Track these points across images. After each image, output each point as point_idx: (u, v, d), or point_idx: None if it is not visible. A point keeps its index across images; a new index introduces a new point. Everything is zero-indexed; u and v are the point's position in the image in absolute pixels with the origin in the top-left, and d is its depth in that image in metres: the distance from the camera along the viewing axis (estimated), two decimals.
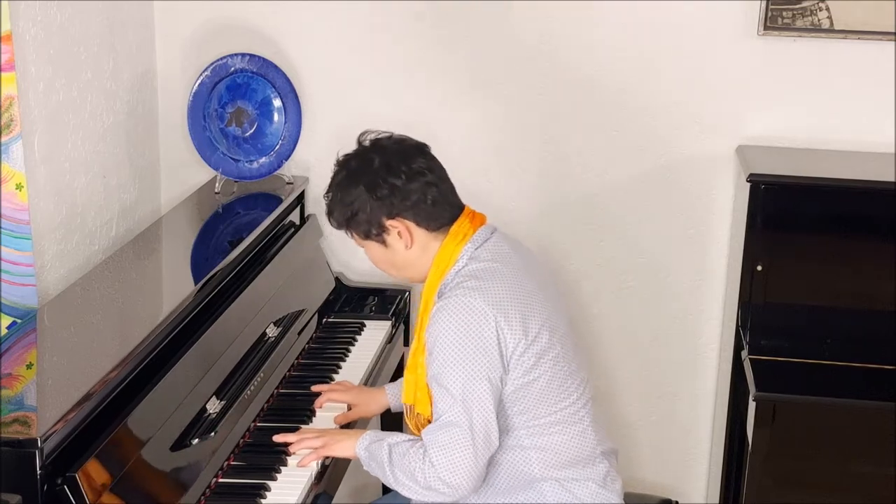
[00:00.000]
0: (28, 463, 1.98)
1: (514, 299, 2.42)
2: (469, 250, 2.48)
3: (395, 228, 2.47)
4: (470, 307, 2.38)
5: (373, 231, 2.49)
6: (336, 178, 2.53)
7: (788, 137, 3.27)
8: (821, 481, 2.96)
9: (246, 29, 3.39)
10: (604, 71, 3.30)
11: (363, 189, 2.46)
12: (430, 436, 2.40)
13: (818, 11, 3.15)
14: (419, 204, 2.46)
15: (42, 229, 2.80)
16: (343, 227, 2.54)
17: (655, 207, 3.38)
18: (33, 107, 2.75)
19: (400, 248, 2.50)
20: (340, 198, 2.50)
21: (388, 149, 2.51)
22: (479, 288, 2.40)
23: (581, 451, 2.50)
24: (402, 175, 2.46)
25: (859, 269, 3.05)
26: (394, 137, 2.54)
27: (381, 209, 2.46)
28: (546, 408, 2.45)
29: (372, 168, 2.47)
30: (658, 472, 3.58)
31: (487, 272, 2.44)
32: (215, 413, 2.51)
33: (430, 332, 2.42)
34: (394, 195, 2.45)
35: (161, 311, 2.52)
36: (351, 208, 2.48)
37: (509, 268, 2.47)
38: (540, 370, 2.43)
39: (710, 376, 3.49)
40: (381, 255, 2.55)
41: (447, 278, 2.47)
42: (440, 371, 2.39)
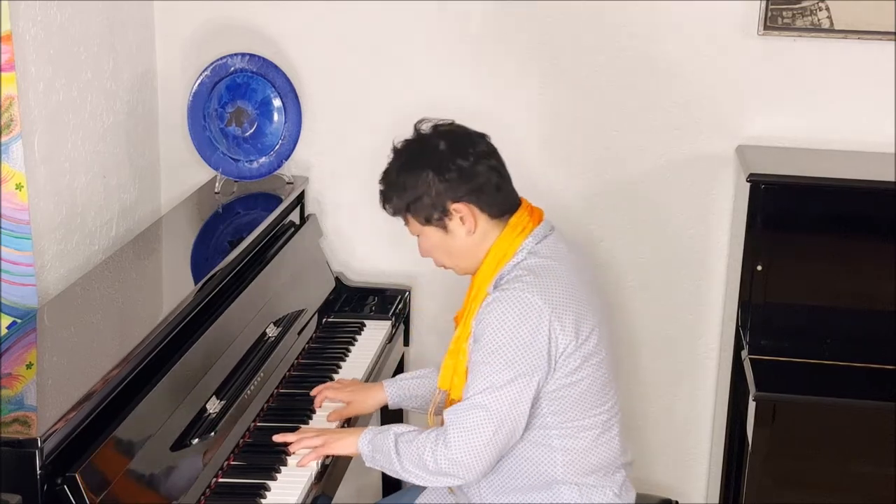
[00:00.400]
0: (28, 463, 1.98)
1: (570, 299, 2.41)
2: (529, 244, 2.47)
3: (458, 213, 2.46)
4: (527, 302, 2.37)
5: (435, 215, 2.47)
6: (397, 162, 2.51)
7: (788, 137, 3.27)
8: (821, 481, 2.96)
9: (246, 29, 3.39)
10: (603, 70, 3.30)
11: (430, 172, 2.44)
12: (454, 415, 2.39)
13: (818, 11, 3.15)
14: (484, 188, 2.45)
15: (42, 229, 2.80)
16: (401, 213, 2.52)
17: (655, 207, 3.38)
18: (33, 107, 2.75)
19: (461, 233, 2.48)
20: (403, 182, 2.47)
21: (452, 133, 2.50)
22: (538, 284, 2.40)
23: (605, 459, 2.50)
24: (469, 157, 2.45)
25: (859, 269, 3.05)
26: (455, 124, 2.54)
27: (448, 192, 2.44)
28: (581, 412, 2.45)
29: (438, 151, 2.46)
30: (658, 472, 3.58)
31: (546, 269, 2.43)
32: (215, 413, 2.51)
33: (483, 321, 2.40)
34: (461, 177, 2.44)
35: (161, 311, 2.52)
36: (415, 192, 2.46)
37: (566, 267, 2.47)
38: (583, 373, 2.43)
39: (710, 376, 3.49)
40: (438, 242, 2.52)
41: (504, 269, 2.46)
42: (486, 359, 2.38)
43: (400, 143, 2.54)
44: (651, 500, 2.91)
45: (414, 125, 2.54)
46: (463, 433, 2.37)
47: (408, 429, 2.48)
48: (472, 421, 2.37)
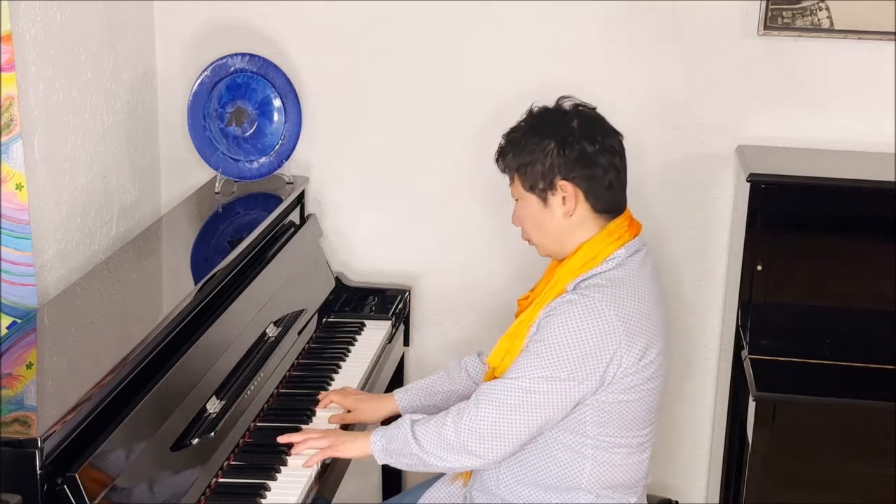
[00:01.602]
0: (28, 463, 1.98)
1: (645, 321, 2.41)
2: (621, 255, 2.45)
3: (563, 191, 2.45)
4: (601, 315, 2.37)
5: (540, 185, 2.46)
6: (527, 123, 2.51)
7: (788, 137, 3.27)
8: (821, 481, 2.96)
9: (246, 29, 3.39)
10: (603, 70, 3.30)
11: (554, 142, 2.44)
12: (490, 390, 2.39)
13: (818, 11, 3.15)
14: (597, 179, 2.45)
15: (42, 229, 2.80)
16: (510, 171, 2.52)
17: (655, 207, 3.38)
18: (33, 107, 2.75)
19: (558, 212, 2.47)
20: (524, 143, 2.47)
21: (590, 117, 2.51)
22: (617, 298, 2.39)
23: (631, 478, 2.51)
24: (596, 144, 2.45)
25: (859, 269, 3.05)
26: (595, 110, 2.54)
27: (561, 167, 2.44)
28: (623, 429, 2.46)
29: (569, 127, 2.46)
30: (658, 472, 3.57)
31: (629, 285, 2.42)
32: (215, 413, 2.51)
33: (552, 318, 2.40)
34: (580, 159, 2.43)
35: (161, 311, 2.51)
36: (532, 156, 2.45)
37: (648, 288, 2.46)
38: (637, 394, 2.43)
39: (710, 376, 3.49)
40: (533, 212, 2.50)
41: (590, 272, 2.44)
42: (541, 352, 2.38)
43: (537, 108, 2.55)
44: (651, 500, 2.91)
45: (557, 98, 2.55)
46: (496, 408, 2.37)
47: (422, 415, 2.48)
48: (508, 399, 2.37)
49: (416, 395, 2.78)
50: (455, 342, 3.50)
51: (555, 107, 2.54)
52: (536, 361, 2.38)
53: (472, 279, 3.48)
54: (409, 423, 2.45)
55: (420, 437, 2.42)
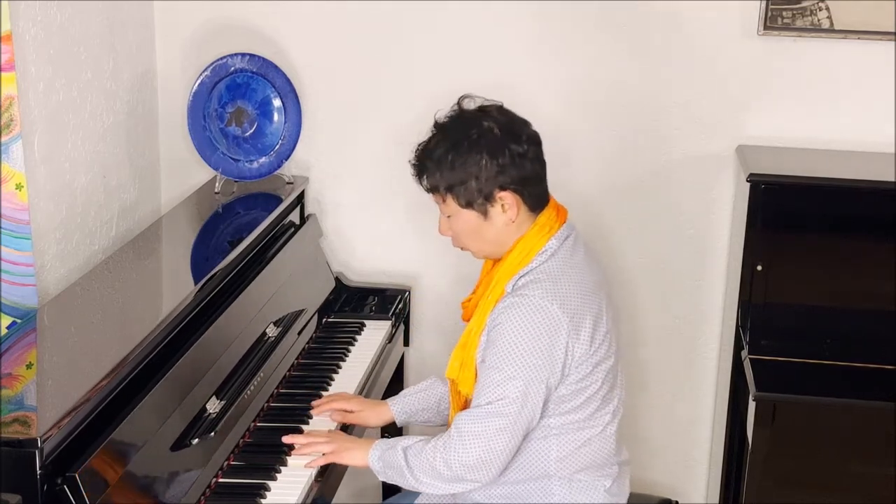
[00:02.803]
0: (28, 463, 1.98)
1: (587, 307, 2.41)
2: (552, 246, 2.45)
3: (503, 200, 2.42)
4: (545, 311, 2.37)
5: (478, 200, 2.42)
6: (445, 140, 2.43)
7: (788, 137, 3.27)
8: (821, 481, 2.96)
9: (246, 29, 3.39)
10: (603, 70, 3.30)
11: (486, 154, 2.39)
12: (469, 421, 2.39)
13: (818, 11, 3.15)
14: (530, 178, 2.42)
15: (42, 229, 2.80)
16: (439, 192, 2.46)
17: (656, 207, 3.38)
18: (33, 107, 2.75)
19: (499, 222, 2.44)
20: (452, 161, 2.41)
21: (503, 116, 2.45)
22: (556, 291, 2.39)
23: (598, 457, 2.51)
24: (522, 143, 2.41)
25: (859, 269, 3.05)
26: (503, 107, 2.49)
27: (497, 178, 2.39)
28: (584, 414, 2.46)
29: (493, 134, 2.40)
30: (658, 472, 3.58)
31: (565, 275, 2.42)
32: (215, 413, 2.51)
33: (499, 326, 2.39)
34: (513, 164, 2.39)
35: (161, 311, 2.51)
36: (464, 174, 2.39)
37: (584, 272, 2.46)
38: (592, 378, 2.44)
39: (710, 376, 3.49)
40: (472, 226, 2.46)
41: (526, 269, 2.43)
42: (500, 362, 2.37)
43: (445, 119, 2.48)
44: (651, 500, 2.92)
45: (458, 100, 2.49)
46: (480, 440, 2.38)
47: (415, 440, 2.47)
48: (489, 428, 2.38)
49: (409, 402, 2.78)
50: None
51: (462, 113, 2.47)
52: (499, 377, 2.38)
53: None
54: (402, 452, 2.45)
55: (414, 468, 2.43)
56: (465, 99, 2.50)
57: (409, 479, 2.44)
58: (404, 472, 2.44)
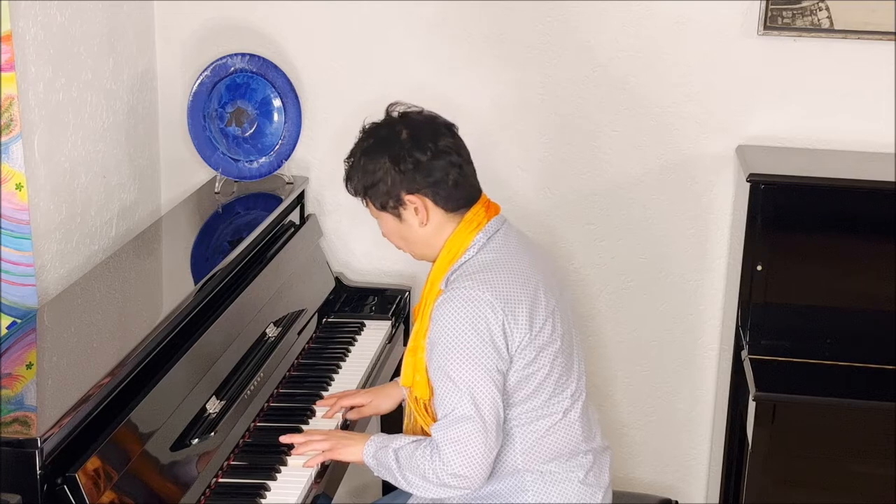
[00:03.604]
0: (28, 463, 1.98)
1: (521, 291, 2.42)
2: (480, 240, 2.47)
3: (412, 204, 2.46)
4: (477, 300, 2.38)
5: (390, 203, 2.48)
6: (361, 144, 2.51)
7: (788, 137, 3.27)
8: (821, 481, 2.96)
9: (246, 29, 3.39)
10: (603, 70, 3.30)
11: (388, 160, 2.45)
12: (440, 433, 2.39)
13: (818, 11, 3.15)
14: (440, 183, 2.45)
15: (42, 229, 2.80)
16: (360, 195, 2.53)
17: (655, 207, 3.38)
18: (33, 107, 2.75)
19: (414, 224, 2.49)
20: (363, 165, 2.48)
21: (418, 123, 2.50)
22: (488, 281, 2.40)
23: (564, 446, 2.50)
24: (428, 151, 2.45)
25: (859, 269, 3.05)
26: (424, 113, 2.54)
27: (402, 183, 2.45)
28: (538, 401, 2.46)
29: (399, 140, 2.46)
30: (658, 472, 3.58)
31: (496, 263, 2.44)
32: (215, 413, 2.51)
33: (436, 323, 2.41)
34: (417, 171, 2.44)
35: (161, 311, 2.52)
36: (372, 177, 2.46)
37: (517, 260, 2.47)
38: (539, 364, 2.44)
39: (710, 376, 3.49)
40: (393, 228, 2.53)
41: (455, 265, 2.46)
42: (447, 363, 2.38)
43: (369, 125, 2.54)
44: (651, 500, 2.92)
45: (387, 107, 2.55)
46: (457, 447, 2.37)
47: (407, 441, 2.47)
48: (461, 433, 2.37)
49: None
50: None
51: (384, 120, 2.53)
52: (450, 381, 2.37)
53: None
54: (394, 454, 2.46)
55: (405, 470, 2.44)
56: (393, 105, 2.55)
57: (400, 480, 2.45)
58: (395, 474, 2.46)
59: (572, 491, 2.50)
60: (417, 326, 2.54)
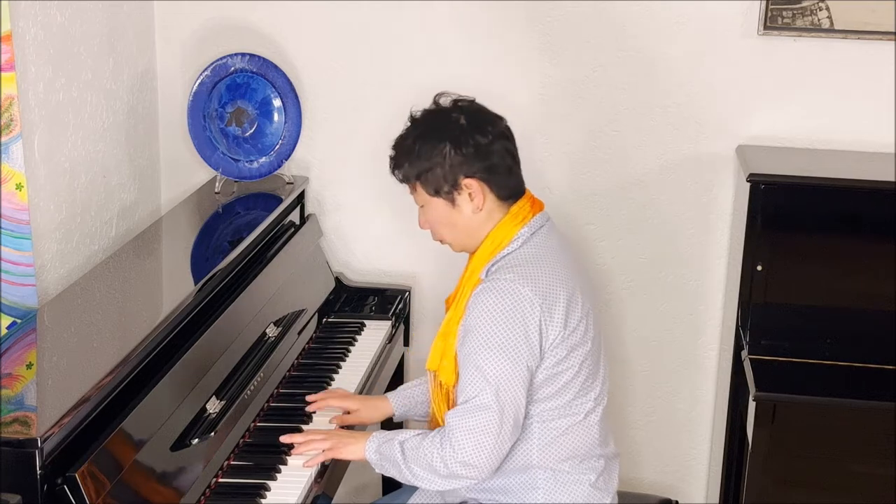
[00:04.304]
0: (28, 463, 1.98)
1: (560, 290, 2.43)
2: (525, 234, 2.48)
3: (468, 189, 2.47)
4: (517, 293, 2.39)
5: (445, 188, 2.48)
6: (414, 130, 2.52)
7: (788, 137, 3.27)
8: (821, 481, 2.96)
9: (246, 29, 3.39)
10: (603, 70, 3.30)
11: (448, 144, 2.46)
12: (456, 419, 2.39)
13: (818, 11, 3.15)
14: (497, 168, 2.47)
15: (42, 229, 2.80)
16: (410, 181, 2.53)
17: (655, 207, 3.38)
18: (33, 107, 2.75)
19: (467, 209, 2.49)
20: (419, 150, 2.49)
21: (472, 109, 2.53)
22: (528, 275, 2.41)
23: (581, 447, 2.51)
24: (487, 135, 2.47)
25: (859, 269, 3.05)
26: (475, 102, 2.56)
27: (462, 166, 2.46)
28: (563, 400, 2.47)
29: (458, 124, 2.48)
30: (658, 472, 3.58)
31: (538, 259, 2.45)
32: (215, 413, 2.51)
33: (473, 312, 2.41)
34: (477, 154, 2.46)
35: (161, 311, 2.52)
36: (430, 162, 2.47)
37: (558, 259, 2.48)
38: (568, 363, 2.44)
39: (710, 376, 3.49)
40: (442, 215, 2.52)
41: (497, 257, 2.47)
42: (478, 352, 2.39)
43: (418, 113, 2.56)
44: (651, 500, 2.92)
45: (434, 97, 2.57)
46: (471, 435, 2.38)
47: (412, 434, 2.48)
48: (478, 422, 2.38)
49: (407, 396, 2.80)
50: None
51: (436, 107, 2.55)
52: (479, 367, 2.38)
53: None
54: (399, 446, 2.46)
55: (411, 462, 2.44)
56: (441, 96, 2.57)
57: (405, 472, 2.45)
58: (400, 466, 2.45)
59: (582, 493, 2.50)
60: (451, 313, 2.54)
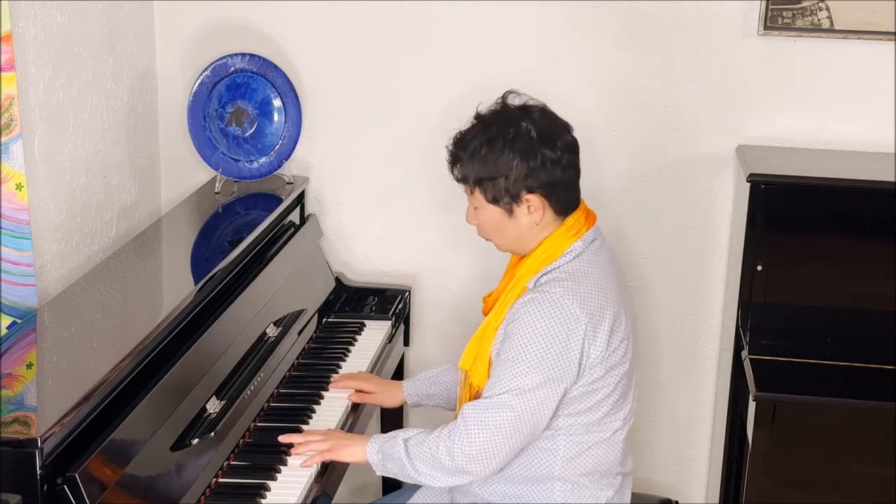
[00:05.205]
0: (28, 463, 1.98)
1: (607, 308, 2.41)
2: (578, 248, 2.46)
3: (528, 203, 2.44)
4: (564, 308, 2.37)
5: (504, 199, 2.44)
6: (482, 133, 2.45)
7: (788, 137, 3.27)
8: (821, 481, 2.96)
9: (246, 29, 3.39)
10: (603, 70, 3.30)
11: (518, 157, 2.41)
12: (474, 411, 2.39)
13: (818, 11, 3.15)
14: (560, 184, 2.44)
15: (42, 229, 2.80)
16: (469, 183, 2.48)
17: (655, 207, 3.38)
18: (33, 107, 2.75)
19: (524, 221, 2.46)
20: (485, 155, 2.43)
21: (543, 119, 2.47)
22: (576, 290, 2.39)
23: (604, 463, 2.51)
24: (557, 150, 2.42)
25: (859, 269, 3.05)
26: (545, 108, 2.50)
27: (526, 180, 2.41)
28: (594, 417, 2.46)
29: (528, 136, 2.42)
30: (658, 472, 3.58)
31: (588, 275, 2.43)
32: (215, 413, 2.51)
33: (517, 320, 2.39)
34: (544, 168, 2.41)
35: (161, 311, 2.51)
36: (494, 170, 2.42)
37: (607, 275, 2.47)
38: (605, 382, 2.44)
39: (710, 376, 3.49)
40: (495, 222, 2.49)
41: (548, 268, 2.45)
42: (514, 360, 2.37)
43: (486, 112, 2.50)
44: (651, 500, 2.92)
45: (503, 95, 2.51)
46: (484, 430, 2.38)
47: (415, 431, 2.48)
48: (495, 419, 2.38)
49: (422, 385, 2.83)
50: (455, 342, 3.50)
51: (504, 109, 2.49)
52: (512, 371, 2.38)
53: (471, 279, 3.48)
54: (403, 443, 2.46)
55: (415, 459, 2.44)
56: (510, 94, 2.52)
57: (409, 470, 2.44)
58: (404, 464, 2.44)
59: None
60: (491, 317, 2.52)
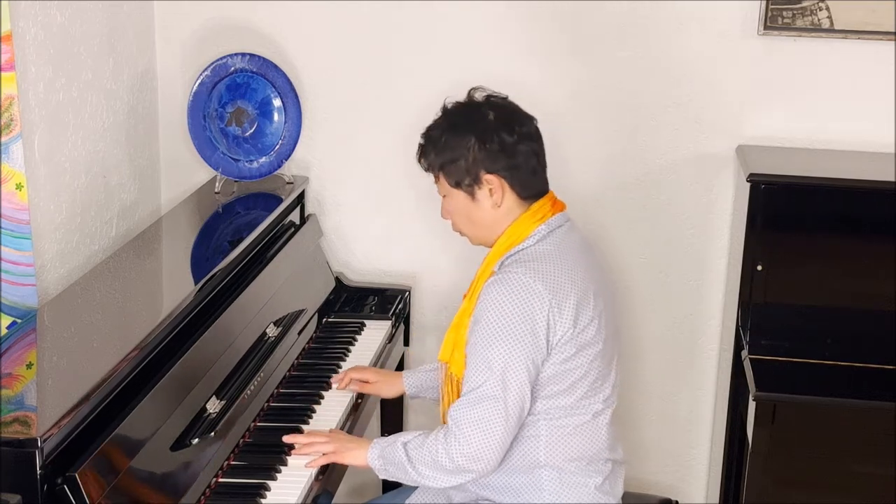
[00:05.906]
0: (28, 463, 1.98)
1: (571, 287, 2.43)
2: (542, 231, 2.49)
3: (489, 184, 2.49)
4: (526, 286, 2.39)
5: (466, 181, 2.50)
6: (444, 122, 2.54)
7: (788, 137, 3.27)
8: (821, 481, 2.96)
9: (246, 29, 3.39)
10: (603, 70, 3.30)
11: (474, 138, 2.47)
12: (461, 411, 2.41)
13: (818, 11, 3.15)
14: (520, 168, 2.49)
15: (42, 229, 2.80)
16: (434, 171, 2.55)
17: (656, 207, 3.38)
18: (33, 107, 2.75)
19: (486, 204, 2.51)
20: (445, 141, 2.51)
21: (503, 107, 2.54)
22: (540, 270, 2.42)
23: (589, 448, 2.51)
24: (514, 134, 2.48)
25: (859, 269, 3.05)
26: (507, 99, 2.57)
27: (484, 162, 2.47)
28: (570, 399, 2.47)
29: (486, 120, 2.49)
30: (658, 472, 3.58)
31: (551, 256, 2.45)
32: (215, 413, 2.51)
33: (482, 303, 2.42)
34: (502, 151, 2.47)
35: (161, 311, 2.52)
36: (453, 154, 2.49)
37: (574, 258, 2.49)
38: (577, 362, 2.45)
39: (710, 376, 3.49)
40: (462, 207, 2.54)
41: (512, 251, 2.48)
42: (485, 342, 2.40)
43: (451, 104, 2.57)
44: (651, 500, 2.92)
45: (468, 91, 2.58)
46: (477, 427, 2.39)
47: (414, 435, 2.49)
48: (483, 413, 2.39)
49: (422, 378, 2.87)
50: None
51: (468, 101, 2.57)
52: (484, 358, 2.40)
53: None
54: (403, 447, 2.47)
55: (416, 462, 2.45)
56: (476, 90, 2.58)
57: (411, 473, 2.45)
58: (405, 467, 2.45)
59: (587, 495, 2.50)
60: (465, 305, 2.56)
